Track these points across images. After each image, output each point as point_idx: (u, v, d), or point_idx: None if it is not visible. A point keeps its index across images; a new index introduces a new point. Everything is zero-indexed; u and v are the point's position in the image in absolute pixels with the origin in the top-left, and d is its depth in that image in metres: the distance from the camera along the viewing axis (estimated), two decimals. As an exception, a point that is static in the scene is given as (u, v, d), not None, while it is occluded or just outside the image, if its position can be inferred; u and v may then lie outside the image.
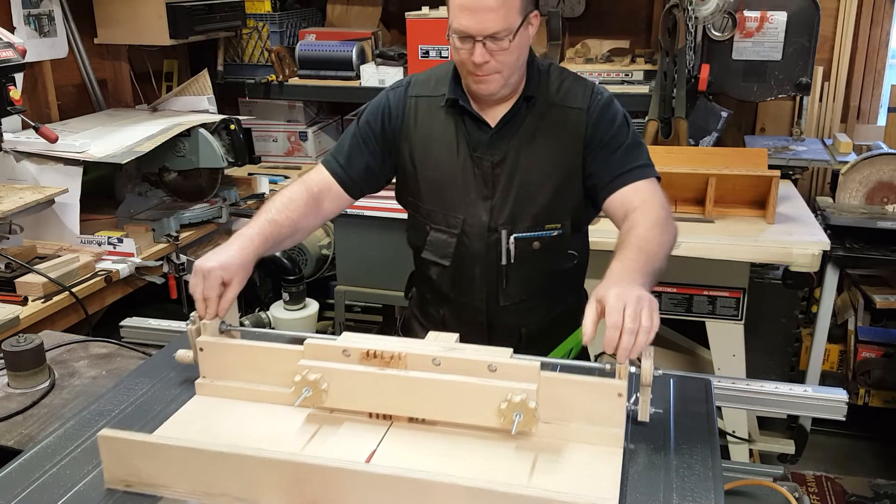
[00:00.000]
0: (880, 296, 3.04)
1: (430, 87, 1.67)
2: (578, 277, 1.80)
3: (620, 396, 1.18)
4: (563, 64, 3.30)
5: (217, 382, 1.37)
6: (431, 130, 1.65)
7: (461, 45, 1.50)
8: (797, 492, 1.21)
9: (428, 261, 1.72)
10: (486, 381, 1.19)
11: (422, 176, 1.67)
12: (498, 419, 1.17)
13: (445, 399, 1.21)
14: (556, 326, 1.76)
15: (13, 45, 2.21)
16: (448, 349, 1.25)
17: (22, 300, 2.09)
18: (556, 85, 1.63)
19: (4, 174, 2.51)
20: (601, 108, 1.61)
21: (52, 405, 1.49)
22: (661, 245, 1.42)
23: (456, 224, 1.65)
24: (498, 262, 1.65)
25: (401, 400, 1.24)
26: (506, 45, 1.48)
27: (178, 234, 2.62)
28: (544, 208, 1.62)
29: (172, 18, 3.00)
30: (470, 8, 1.46)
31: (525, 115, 1.61)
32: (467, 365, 1.21)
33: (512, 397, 1.16)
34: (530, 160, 1.61)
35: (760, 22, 2.90)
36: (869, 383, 3.17)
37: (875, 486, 2.93)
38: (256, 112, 3.69)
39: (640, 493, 1.10)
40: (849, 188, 2.83)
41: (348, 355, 1.25)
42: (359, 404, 1.26)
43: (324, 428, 1.26)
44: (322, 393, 1.24)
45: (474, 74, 1.53)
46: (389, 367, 1.24)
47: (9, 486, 1.14)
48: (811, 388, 1.42)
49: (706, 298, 2.55)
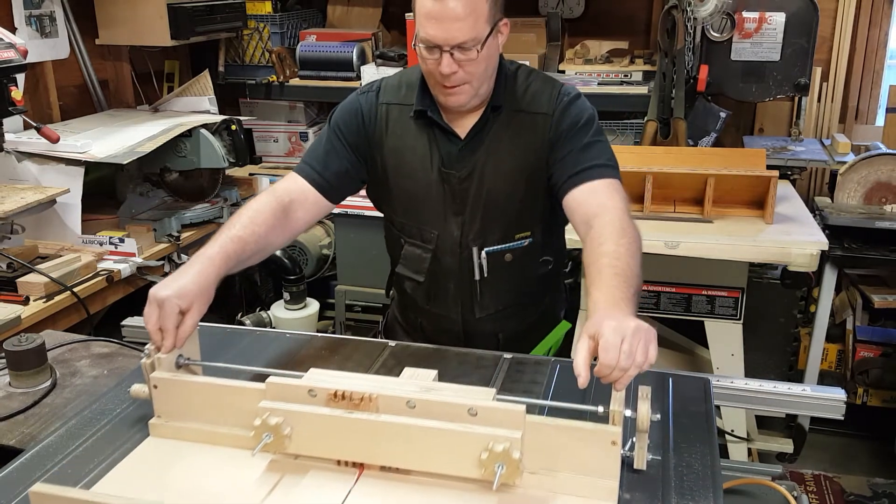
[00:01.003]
0: (878, 295, 3.05)
1: (400, 95, 1.62)
2: (555, 279, 1.77)
3: (615, 444, 1.08)
4: (563, 65, 3.31)
5: (173, 423, 1.25)
6: (404, 141, 1.60)
7: (428, 55, 1.46)
8: (796, 491, 1.21)
9: (402, 275, 1.70)
10: (466, 428, 1.07)
11: (395, 187, 1.63)
12: (478, 470, 1.06)
13: (421, 446, 1.09)
14: (535, 328, 1.74)
15: (14, 46, 2.22)
16: (424, 389, 1.14)
17: (24, 300, 2.10)
18: (523, 89, 1.58)
19: (6, 174, 2.51)
20: (564, 108, 1.55)
21: (54, 404, 1.49)
22: (634, 257, 1.32)
23: (430, 239, 1.63)
24: (471, 277, 1.63)
25: (372, 446, 1.11)
26: (474, 55, 1.44)
27: (179, 234, 2.63)
28: (513, 218, 1.59)
29: (174, 19, 3.00)
30: (436, 17, 1.41)
31: (492, 125, 1.57)
32: (445, 408, 1.09)
33: (494, 446, 1.04)
34: (497, 171, 1.57)
35: (759, 23, 2.91)
36: (867, 383, 3.17)
37: (873, 485, 2.94)
38: (257, 112, 3.70)
39: (637, 499, 1.10)
40: (847, 188, 2.84)
41: (314, 395, 1.13)
42: (325, 451, 1.14)
43: (287, 477, 1.14)
44: (285, 438, 1.12)
45: (442, 86, 1.49)
46: (359, 409, 1.11)
47: (10, 486, 1.14)
48: (810, 388, 1.42)
49: (705, 298, 2.55)
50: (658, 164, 2.54)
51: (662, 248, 2.33)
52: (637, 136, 3.11)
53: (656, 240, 2.33)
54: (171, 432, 1.25)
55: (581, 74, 3.20)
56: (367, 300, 3.34)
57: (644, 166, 2.52)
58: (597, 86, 3.14)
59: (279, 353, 1.57)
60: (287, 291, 3.10)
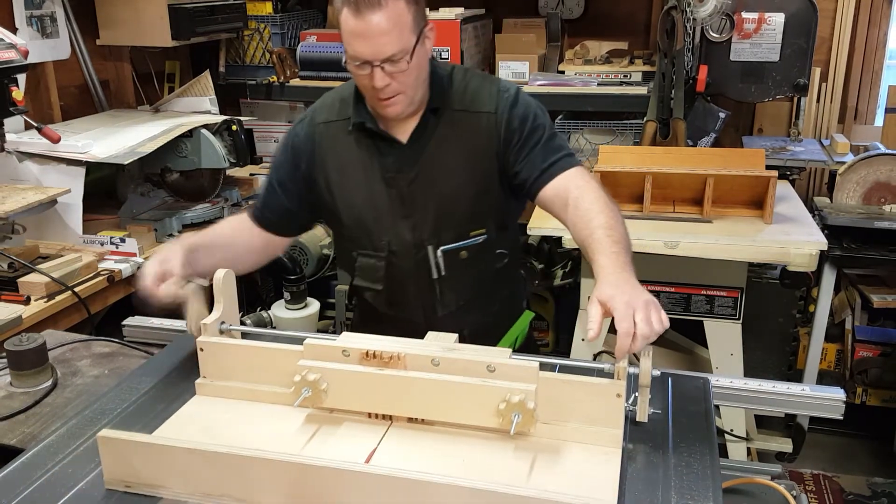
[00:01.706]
0: (878, 295, 3.05)
1: (335, 111, 1.64)
2: (511, 271, 1.80)
3: (619, 397, 1.18)
4: (563, 65, 3.31)
5: (217, 383, 1.37)
6: (344, 155, 1.62)
7: (359, 70, 1.47)
8: (795, 490, 1.22)
9: (361, 286, 1.72)
10: (485, 382, 1.19)
11: (340, 203, 1.65)
12: (496, 419, 1.18)
13: (444, 399, 1.21)
14: (499, 320, 1.76)
15: (15, 46, 2.22)
16: (447, 349, 1.25)
17: (25, 300, 2.10)
18: (461, 90, 1.60)
19: (7, 174, 2.52)
20: (509, 106, 1.58)
21: (55, 404, 1.50)
22: (624, 228, 1.41)
23: (382, 247, 1.64)
24: (429, 277, 1.64)
25: (400, 400, 1.24)
26: (404, 66, 1.45)
27: (180, 234, 2.63)
28: (466, 216, 1.61)
29: (174, 20, 3.01)
30: (361, 34, 1.42)
31: (434, 127, 1.59)
32: (466, 365, 1.21)
33: (510, 398, 1.16)
34: (445, 171, 1.59)
35: (758, 23, 2.91)
36: (866, 382, 3.18)
37: (872, 485, 2.94)
38: (258, 113, 3.71)
39: (639, 491, 1.11)
40: (846, 188, 2.84)
41: (347, 355, 1.25)
42: (358, 404, 1.26)
43: (323, 428, 1.26)
44: (321, 393, 1.24)
45: (378, 98, 1.51)
46: (388, 367, 1.24)
47: (11, 485, 1.15)
48: (809, 387, 1.43)
49: (704, 298, 2.56)
50: (657, 165, 2.55)
51: (662, 248, 2.33)
52: (636, 137, 3.11)
53: (656, 240, 2.33)
54: (216, 391, 1.37)
55: (581, 75, 3.20)
56: (367, 300, 3.34)
57: (643, 166, 2.53)
58: (596, 86, 3.14)
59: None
60: (287, 291, 3.10)
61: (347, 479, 1.04)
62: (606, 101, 3.10)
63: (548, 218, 2.42)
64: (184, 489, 1.12)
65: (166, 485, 1.12)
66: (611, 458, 1.17)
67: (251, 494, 1.09)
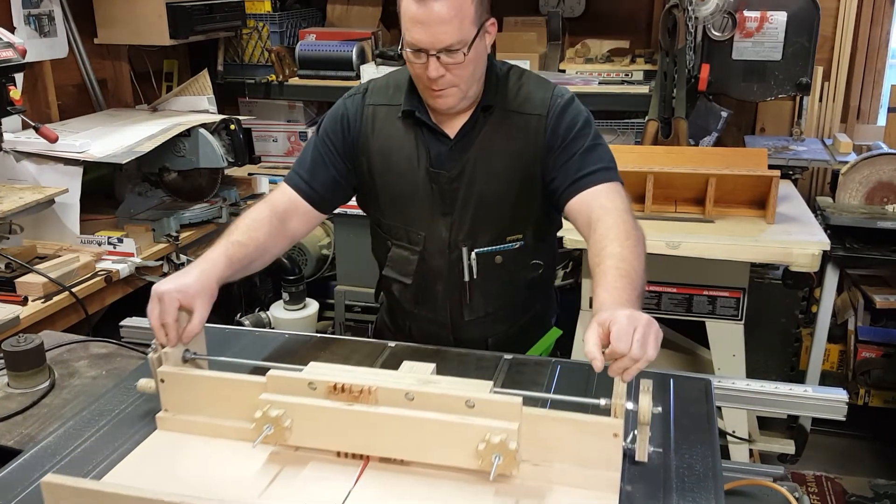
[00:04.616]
0: (880, 296, 3.04)
1: (387, 95, 1.61)
2: (545, 285, 1.77)
3: (616, 437, 1.08)
4: (564, 64, 3.30)
5: (179, 416, 1.28)
6: (391, 141, 1.59)
7: (415, 59, 1.46)
8: (797, 492, 1.21)
9: (390, 278, 1.69)
10: (463, 420, 1.08)
11: (382, 188, 1.62)
12: (476, 461, 1.07)
13: (418, 438, 1.11)
14: (524, 334, 1.73)
15: (13, 45, 2.21)
16: (423, 382, 1.15)
17: (22, 300, 2.09)
18: (515, 91, 1.58)
19: (4, 174, 2.51)
20: (560, 111, 1.54)
21: (52, 405, 1.49)
22: (638, 259, 1.33)
23: (418, 241, 1.61)
24: (461, 279, 1.62)
25: (371, 438, 1.13)
26: (460, 58, 1.43)
27: (178, 234, 2.62)
28: (504, 220, 1.58)
29: (172, 18, 3.00)
30: (422, 21, 1.40)
31: (483, 125, 1.56)
32: (443, 400, 1.11)
33: (490, 437, 1.05)
34: (488, 172, 1.56)
35: (760, 22, 2.90)
36: (869, 383, 3.17)
37: (875, 486, 2.93)
38: (256, 112, 3.69)
39: (639, 491, 1.10)
40: (849, 188, 2.83)
41: (314, 388, 1.15)
42: (325, 442, 1.16)
43: (287, 469, 1.16)
44: (285, 430, 1.14)
45: (430, 89, 1.49)
46: (358, 402, 1.13)
47: (9, 486, 1.14)
48: (811, 388, 1.42)
49: (706, 298, 2.55)
50: (659, 164, 2.54)
51: (664, 248, 2.32)
52: (638, 136, 3.10)
53: (657, 240, 2.32)
54: (178, 426, 1.28)
55: (582, 74, 3.19)
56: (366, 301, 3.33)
57: (645, 166, 2.52)
58: (598, 85, 3.14)
59: (278, 354, 1.57)
60: (286, 292, 3.09)
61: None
62: (608, 100, 3.09)
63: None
64: None
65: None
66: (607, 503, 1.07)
67: None
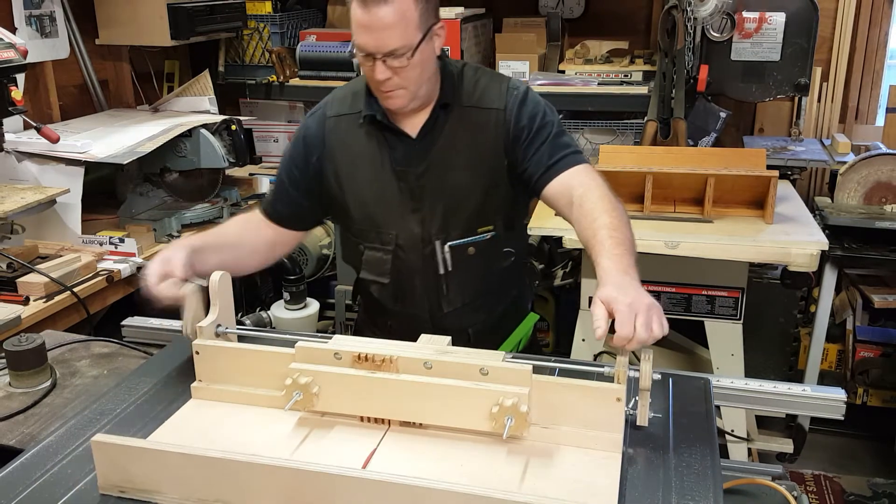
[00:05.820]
0: (878, 295, 3.05)
1: (347, 105, 1.65)
2: (517, 272, 1.80)
3: (619, 401, 1.16)
4: (563, 65, 3.30)
5: (212, 386, 1.36)
6: (354, 148, 1.63)
7: (363, 61, 1.50)
8: (796, 491, 1.21)
9: (367, 280, 1.72)
10: (478, 385, 1.18)
11: (349, 196, 1.65)
12: (490, 423, 1.17)
13: (436, 403, 1.20)
14: (503, 321, 1.77)
15: (14, 46, 2.22)
16: (440, 352, 1.24)
17: (24, 300, 2.10)
18: (471, 86, 1.62)
19: (6, 174, 2.51)
20: (519, 104, 1.59)
21: (54, 404, 1.50)
22: (629, 229, 1.41)
23: (389, 240, 1.65)
24: (436, 272, 1.65)
25: (392, 403, 1.23)
26: (405, 62, 1.47)
27: (179, 234, 2.63)
28: (474, 212, 1.62)
29: (174, 19, 3.00)
30: (367, 25, 1.44)
31: (444, 123, 1.60)
32: (459, 368, 1.20)
33: (503, 401, 1.15)
34: (454, 166, 1.60)
35: (759, 23, 2.91)
36: (867, 383, 3.17)
37: (873, 485, 2.94)
38: (257, 112, 3.70)
39: (639, 492, 1.10)
40: (847, 188, 2.84)
41: (339, 358, 1.25)
42: (350, 408, 1.25)
43: (315, 432, 1.25)
44: (313, 396, 1.23)
45: (380, 91, 1.53)
46: (381, 370, 1.23)
47: (10, 486, 1.14)
48: (810, 388, 1.42)
49: (705, 298, 2.55)
50: (658, 165, 2.54)
51: (662, 248, 2.33)
52: (637, 137, 3.11)
53: (656, 240, 2.33)
54: (211, 394, 1.36)
55: (581, 74, 3.20)
56: (367, 300, 3.34)
57: (644, 166, 2.53)
58: (597, 86, 3.14)
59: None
60: (287, 291, 3.10)
61: (343, 484, 1.03)
62: (607, 100, 3.10)
63: (548, 218, 2.43)
64: (178, 494, 1.10)
65: (160, 490, 1.11)
66: (610, 462, 1.16)
67: (245, 500, 1.08)
